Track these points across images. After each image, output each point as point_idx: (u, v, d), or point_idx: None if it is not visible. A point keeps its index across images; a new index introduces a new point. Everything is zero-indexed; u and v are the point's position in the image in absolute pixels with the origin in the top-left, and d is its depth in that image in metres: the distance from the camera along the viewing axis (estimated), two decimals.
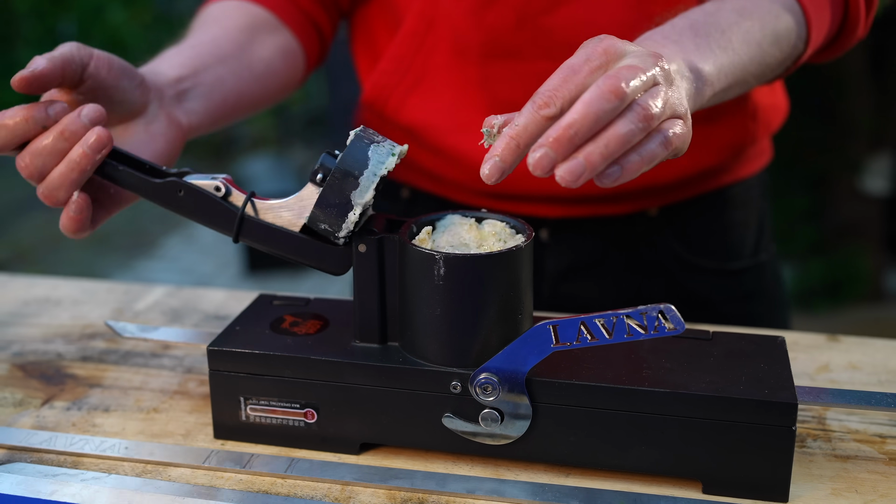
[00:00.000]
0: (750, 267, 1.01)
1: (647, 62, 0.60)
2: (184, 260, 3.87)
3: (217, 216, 0.70)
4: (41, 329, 0.90)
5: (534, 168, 0.57)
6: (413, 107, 0.92)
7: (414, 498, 0.65)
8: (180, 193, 0.70)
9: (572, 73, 0.60)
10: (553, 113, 0.58)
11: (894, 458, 0.69)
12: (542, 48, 0.86)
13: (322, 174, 0.66)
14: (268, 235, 0.69)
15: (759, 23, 0.76)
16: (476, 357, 0.66)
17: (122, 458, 0.69)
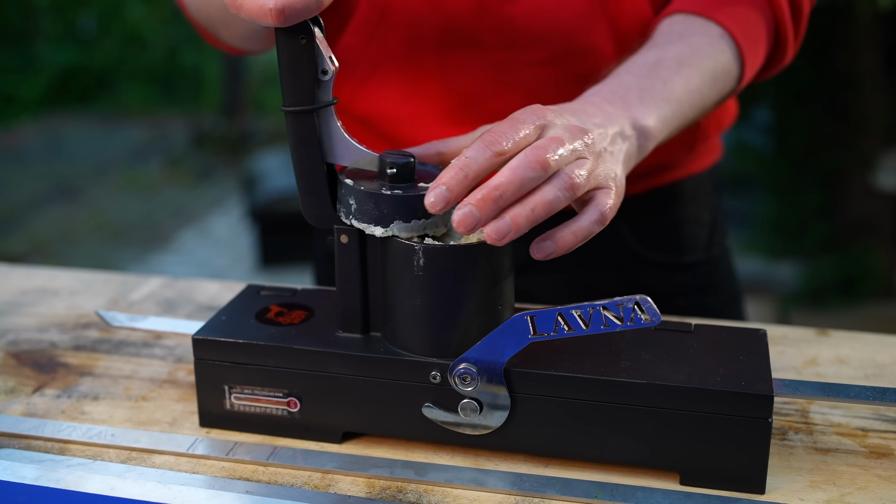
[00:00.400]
0: (703, 261, 1.01)
1: (573, 136, 0.64)
2: (198, 254, 3.89)
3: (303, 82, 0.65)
4: (37, 318, 0.91)
5: (457, 225, 0.60)
6: (367, 97, 0.91)
7: (392, 487, 0.66)
8: (302, 39, 0.64)
9: (519, 122, 0.64)
10: (502, 150, 0.62)
11: (875, 452, 0.69)
12: (501, 37, 0.86)
13: (397, 171, 0.66)
14: (307, 139, 0.66)
15: (698, 69, 0.78)
16: (456, 347, 0.66)
17: (107, 444, 0.70)
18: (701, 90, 0.78)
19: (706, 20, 0.81)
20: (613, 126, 0.69)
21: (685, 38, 0.80)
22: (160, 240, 4.04)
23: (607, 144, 0.67)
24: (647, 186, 0.96)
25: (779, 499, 0.64)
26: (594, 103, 0.72)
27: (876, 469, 0.67)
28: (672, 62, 0.77)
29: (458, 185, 0.61)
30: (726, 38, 0.80)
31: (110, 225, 4.19)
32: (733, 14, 0.82)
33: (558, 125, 0.65)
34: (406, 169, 0.66)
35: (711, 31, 0.81)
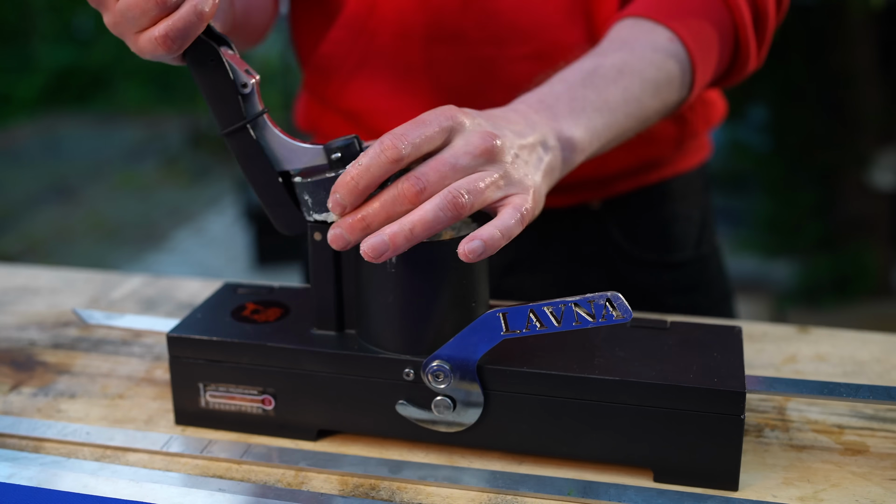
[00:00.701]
0: (692, 259, 1.01)
1: (475, 145, 0.63)
2: (193, 253, 3.89)
3: (227, 102, 0.66)
4: (17, 317, 0.91)
5: (331, 243, 0.63)
6: (355, 91, 0.91)
7: (366, 484, 0.66)
8: (211, 62, 0.65)
9: (422, 123, 0.63)
10: (399, 157, 0.62)
11: (850, 449, 0.68)
12: (487, 32, 0.86)
13: (341, 156, 0.65)
14: (251, 154, 0.67)
15: (639, 77, 0.76)
16: (429, 345, 0.66)
17: (82, 443, 0.70)
18: (640, 99, 0.76)
19: (656, 24, 0.79)
20: (534, 135, 0.68)
21: (629, 44, 0.78)
22: (155, 239, 4.04)
23: (519, 151, 0.66)
24: (636, 185, 0.96)
25: (752, 496, 0.63)
26: (519, 111, 0.70)
27: (850, 466, 0.66)
28: (610, 70, 0.75)
29: (350, 194, 0.62)
30: (675, 43, 0.78)
31: (106, 224, 4.18)
32: (685, 19, 0.79)
33: (467, 128, 0.64)
34: (350, 150, 0.65)
35: (660, 36, 0.78)
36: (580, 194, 0.95)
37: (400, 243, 0.61)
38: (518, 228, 0.63)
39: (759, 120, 3.42)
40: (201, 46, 0.64)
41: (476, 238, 0.61)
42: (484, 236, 0.61)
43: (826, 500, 0.63)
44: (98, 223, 4.20)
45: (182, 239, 4.05)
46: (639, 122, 0.77)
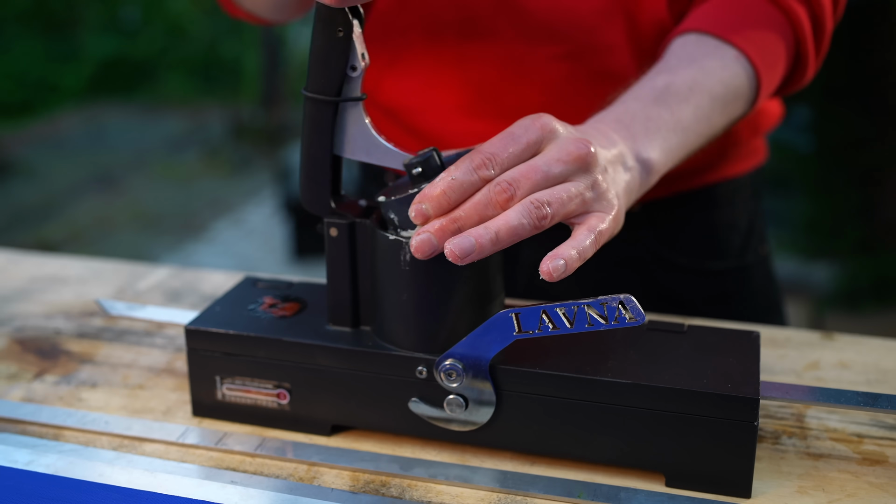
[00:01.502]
0: (733, 268, 0.99)
1: (569, 152, 0.63)
2: (232, 244, 3.93)
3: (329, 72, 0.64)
4: (44, 305, 0.93)
5: (415, 250, 0.61)
6: (388, 87, 0.92)
7: (376, 480, 0.66)
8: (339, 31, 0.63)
9: (512, 139, 0.64)
10: (488, 176, 0.62)
11: (868, 458, 0.67)
12: (519, 30, 0.85)
13: (422, 170, 0.65)
14: (320, 128, 0.66)
15: (709, 95, 0.76)
16: (442, 343, 0.66)
17: (100, 431, 0.71)
18: (710, 118, 0.76)
19: (721, 41, 0.78)
20: (616, 151, 0.68)
21: (697, 62, 0.77)
22: (195, 229, 4.08)
23: (608, 164, 0.66)
24: (677, 189, 0.95)
25: (765, 503, 0.63)
26: (599, 129, 0.70)
27: (868, 476, 0.65)
28: (682, 88, 0.75)
29: (438, 207, 0.61)
30: (741, 60, 0.78)
31: (146, 214, 4.24)
32: (750, 35, 0.79)
33: (561, 135, 0.64)
34: (430, 164, 0.65)
35: (726, 53, 0.78)
36: None
37: (486, 246, 0.60)
38: (592, 250, 0.62)
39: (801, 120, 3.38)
40: (341, 12, 0.62)
41: (559, 257, 0.60)
42: (565, 256, 0.60)
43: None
44: (139, 213, 4.25)
45: (221, 229, 4.09)
46: (706, 139, 0.77)
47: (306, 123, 0.66)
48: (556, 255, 0.60)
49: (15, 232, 3.97)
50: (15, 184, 4.60)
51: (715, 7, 0.82)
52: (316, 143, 0.67)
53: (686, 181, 0.94)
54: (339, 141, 0.67)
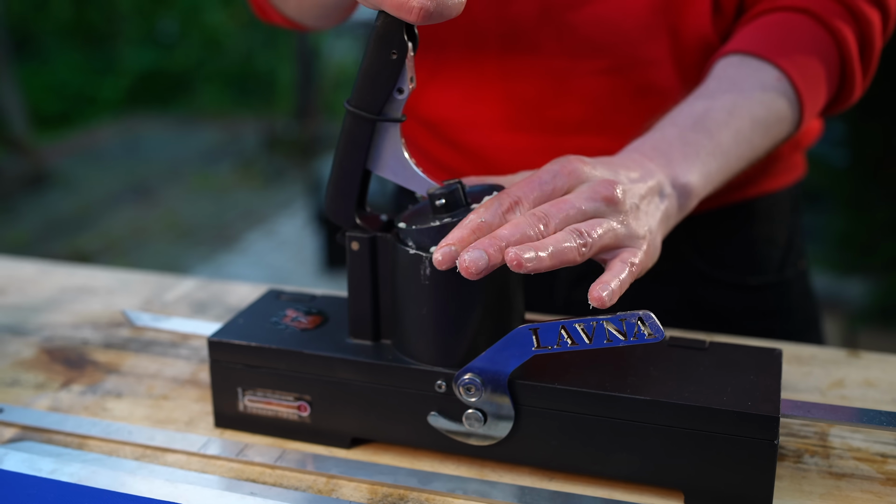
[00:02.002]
0: (773, 283, 0.98)
1: (597, 192, 0.64)
2: (264, 255, 3.95)
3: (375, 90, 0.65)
4: (73, 316, 0.94)
5: (467, 267, 0.59)
6: (428, 100, 0.92)
7: (395, 494, 0.66)
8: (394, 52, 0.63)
9: (539, 184, 0.65)
10: (543, 225, 0.63)
11: (892, 479, 0.67)
12: (563, 45, 0.85)
13: (445, 202, 0.66)
14: (356, 141, 0.66)
15: (750, 119, 0.76)
16: (462, 357, 0.66)
17: (124, 441, 0.72)
18: (751, 141, 0.76)
19: (763, 62, 0.78)
20: (651, 182, 0.69)
21: (737, 84, 0.77)
22: (228, 240, 4.12)
23: (638, 201, 0.67)
24: (716, 204, 0.93)
25: None
26: (634, 159, 0.71)
27: (891, 497, 0.65)
28: (721, 112, 0.75)
29: (464, 245, 0.61)
30: (784, 81, 0.78)
31: (180, 225, 4.28)
32: (793, 56, 0.79)
33: (588, 177, 0.65)
34: (454, 197, 0.66)
35: (768, 74, 0.78)
36: None
37: (544, 258, 0.60)
38: (630, 280, 0.63)
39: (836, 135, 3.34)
40: (398, 35, 0.63)
41: (607, 284, 0.61)
42: (613, 285, 0.61)
43: None
44: (173, 223, 4.30)
45: (253, 240, 4.12)
46: (749, 162, 0.77)
47: (343, 136, 0.67)
48: (603, 282, 0.61)
49: (51, 241, 4.03)
50: (52, 194, 4.67)
51: (759, 28, 0.81)
52: (349, 156, 0.67)
53: (726, 196, 0.93)
54: (371, 157, 0.67)
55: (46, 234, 4.14)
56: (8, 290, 1.00)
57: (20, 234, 4.12)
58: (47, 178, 4.86)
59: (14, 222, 4.29)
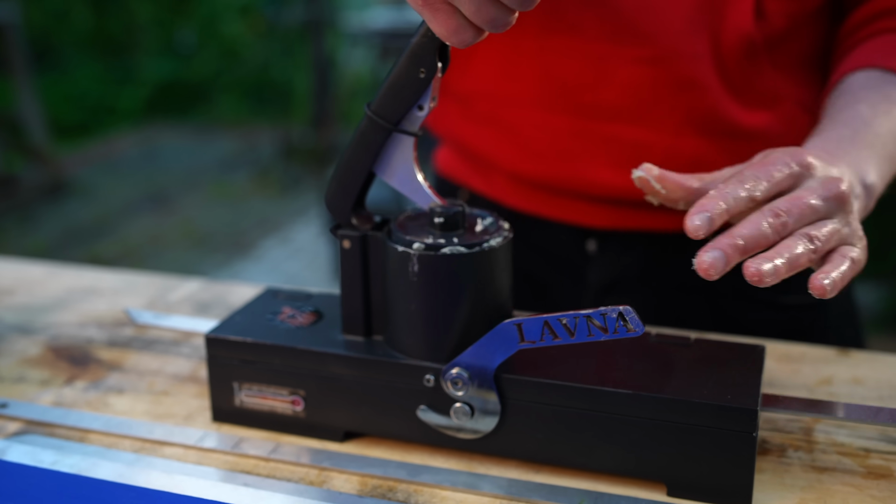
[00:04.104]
0: (808, 304, 0.95)
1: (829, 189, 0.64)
2: (279, 262, 3.98)
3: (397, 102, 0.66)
4: (79, 315, 0.96)
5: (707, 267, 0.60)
6: (465, 72, 0.91)
7: (384, 486, 0.68)
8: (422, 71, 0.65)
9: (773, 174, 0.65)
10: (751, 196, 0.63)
11: (873, 472, 0.68)
12: (605, 29, 0.84)
13: (444, 221, 0.68)
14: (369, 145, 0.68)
15: None
16: (450, 352, 0.68)
17: (123, 435, 0.74)
18: None
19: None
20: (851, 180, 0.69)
21: (882, 90, 0.79)
22: (243, 248, 4.15)
23: (853, 198, 0.67)
24: None
25: None
26: (834, 154, 0.71)
27: (871, 490, 0.66)
28: (885, 118, 0.76)
29: (719, 217, 0.62)
30: None
31: (197, 232, 4.32)
32: None
33: (818, 171, 0.66)
34: (454, 219, 0.68)
35: None
36: None
37: (781, 270, 0.61)
38: (850, 275, 0.63)
39: None
40: (431, 54, 0.64)
41: (828, 275, 0.61)
42: (834, 275, 0.62)
43: None
44: (190, 231, 4.34)
45: (268, 248, 4.15)
46: None
47: (357, 136, 0.68)
48: (825, 272, 0.62)
49: (70, 249, 4.07)
50: (71, 202, 4.72)
51: (882, 44, 0.82)
52: (358, 157, 0.69)
53: None
54: (380, 162, 0.69)
55: (65, 241, 4.19)
56: (16, 291, 1.03)
57: (39, 242, 4.17)
58: (66, 186, 4.92)
59: (33, 230, 4.34)
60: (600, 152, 0.89)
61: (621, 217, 0.93)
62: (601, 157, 0.89)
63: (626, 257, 0.96)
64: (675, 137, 0.87)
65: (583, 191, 0.91)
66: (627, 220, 0.93)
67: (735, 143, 0.87)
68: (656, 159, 0.86)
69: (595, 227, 0.95)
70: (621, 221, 0.93)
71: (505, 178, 0.97)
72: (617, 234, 0.94)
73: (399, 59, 0.65)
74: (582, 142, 0.89)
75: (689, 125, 0.86)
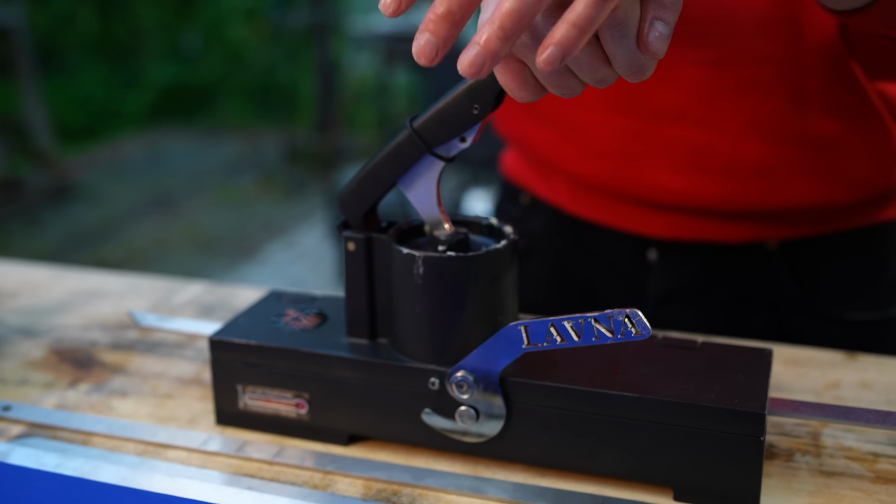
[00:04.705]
0: (874, 321, 0.92)
1: None
2: (284, 266, 3.98)
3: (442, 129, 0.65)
4: (83, 318, 0.96)
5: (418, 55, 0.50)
6: None
7: (388, 489, 0.67)
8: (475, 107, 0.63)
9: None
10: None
11: (881, 477, 0.67)
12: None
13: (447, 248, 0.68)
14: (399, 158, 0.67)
15: None
16: (455, 355, 0.67)
17: (127, 438, 0.74)
18: None
19: None
20: None
21: None
22: (248, 251, 4.15)
23: None
24: (822, 230, 0.89)
25: None
26: None
27: (880, 494, 0.65)
28: None
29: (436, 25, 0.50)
30: None
31: (202, 236, 4.32)
32: None
33: None
34: (458, 246, 0.68)
35: None
36: (756, 228, 0.89)
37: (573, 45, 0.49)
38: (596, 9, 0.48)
39: None
40: (489, 95, 0.63)
41: (548, 45, 0.49)
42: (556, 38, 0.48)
43: None
44: (195, 234, 4.34)
45: (273, 251, 4.15)
46: None
47: (392, 148, 0.67)
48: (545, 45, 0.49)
49: (75, 252, 4.08)
50: (76, 206, 4.73)
51: None
52: (387, 167, 0.68)
53: (831, 222, 0.90)
54: (406, 176, 0.68)
55: (70, 245, 4.19)
56: (21, 294, 1.02)
57: (44, 245, 4.18)
58: (72, 190, 4.92)
59: (38, 234, 4.35)
60: (662, 154, 0.87)
61: (683, 226, 0.90)
62: (663, 159, 0.87)
63: (687, 268, 0.94)
64: (738, 142, 0.84)
65: (643, 195, 0.89)
66: (689, 229, 0.90)
67: (802, 152, 0.84)
68: (718, 164, 0.85)
69: (656, 237, 0.93)
70: (683, 231, 0.91)
71: (566, 180, 0.96)
72: (678, 245, 0.92)
73: (456, 89, 0.64)
74: (644, 143, 0.87)
75: (753, 130, 0.84)
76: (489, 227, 0.73)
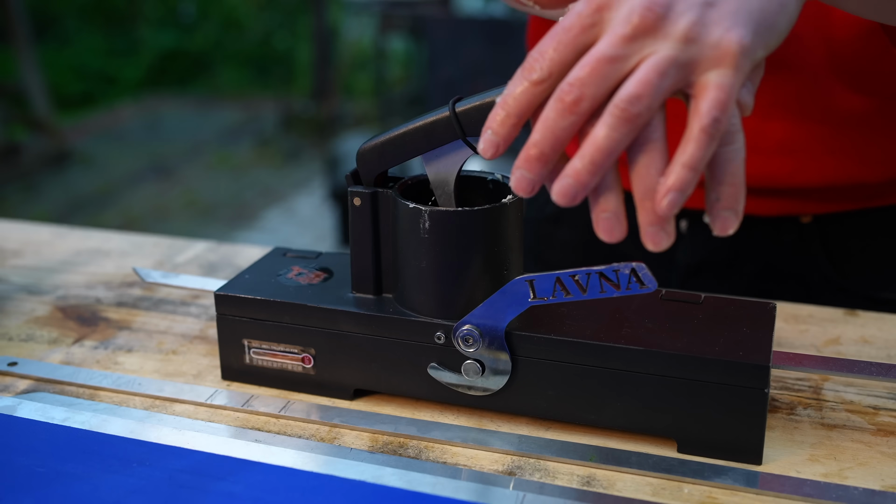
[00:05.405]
0: None
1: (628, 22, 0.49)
2: (282, 232, 3.98)
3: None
4: (86, 276, 0.96)
5: (518, 189, 0.53)
6: None
7: (395, 442, 0.68)
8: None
9: (563, 32, 0.51)
10: (539, 77, 0.52)
11: (882, 430, 0.68)
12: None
13: None
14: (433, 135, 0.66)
15: None
16: (461, 310, 0.68)
17: (133, 392, 0.74)
18: None
19: None
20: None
21: None
22: (246, 218, 4.15)
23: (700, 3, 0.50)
24: (856, 206, 0.88)
25: (776, 470, 0.63)
26: None
27: (881, 446, 0.66)
28: None
29: (500, 125, 0.53)
30: None
31: (200, 202, 4.32)
32: None
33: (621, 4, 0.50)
34: None
35: None
36: (788, 203, 0.88)
37: (587, 180, 0.51)
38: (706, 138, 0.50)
39: None
40: None
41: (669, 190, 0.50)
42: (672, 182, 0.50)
43: (851, 477, 0.62)
44: (193, 201, 4.34)
45: (271, 218, 4.15)
46: None
47: (429, 123, 0.66)
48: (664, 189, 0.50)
49: (73, 219, 4.07)
50: (74, 173, 4.72)
51: None
52: (417, 140, 0.67)
53: (865, 199, 0.89)
54: (430, 154, 0.68)
55: (68, 211, 4.19)
56: (24, 253, 1.03)
57: (42, 211, 4.17)
58: (69, 157, 4.91)
59: (36, 200, 4.34)
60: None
61: None
62: None
63: (716, 239, 0.92)
64: (763, 120, 0.83)
65: None
66: None
67: (829, 129, 0.83)
68: None
69: (687, 207, 0.91)
70: None
71: None
72: None
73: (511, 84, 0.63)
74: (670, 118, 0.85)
75: (778, 106, 0.83)
76: (495, 181, 0.73)
